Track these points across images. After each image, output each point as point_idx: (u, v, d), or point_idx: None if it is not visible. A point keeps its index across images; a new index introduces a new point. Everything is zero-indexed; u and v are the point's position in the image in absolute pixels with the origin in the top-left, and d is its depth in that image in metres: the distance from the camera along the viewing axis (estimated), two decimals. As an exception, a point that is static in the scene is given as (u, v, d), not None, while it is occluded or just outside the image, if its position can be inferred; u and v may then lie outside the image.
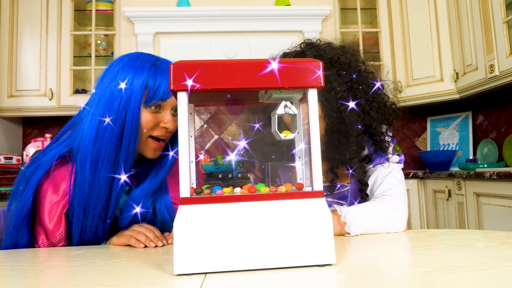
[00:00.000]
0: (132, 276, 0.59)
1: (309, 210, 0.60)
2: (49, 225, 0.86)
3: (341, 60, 0.98)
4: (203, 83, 0.61)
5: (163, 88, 0.84)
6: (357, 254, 0.67)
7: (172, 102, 0.88)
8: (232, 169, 2.36)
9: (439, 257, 0.62)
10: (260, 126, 0.99)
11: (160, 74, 0.86)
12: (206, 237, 0.58)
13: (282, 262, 0.58)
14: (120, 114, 0.82)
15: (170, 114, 0.89)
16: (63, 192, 0.86)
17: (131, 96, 0.83)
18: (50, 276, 0.62)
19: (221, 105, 0.75)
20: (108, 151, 0.83)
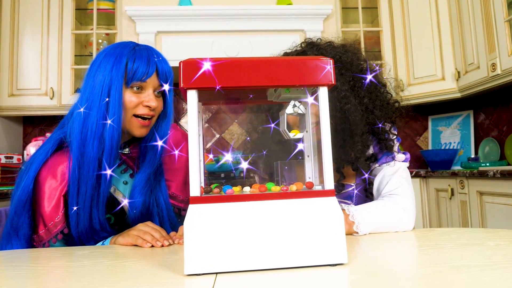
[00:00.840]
0: (142, 276, 0.58)
1: (321, 209, 0.60)
2: (47, 209, 0.89)
3: (342, 58, 0.98)
4: (213, 82, 0.60)
5: (142, 69, 0.91)
6: (368, 254, 0.67)
7: (153, 82, 0.94)
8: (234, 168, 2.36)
9: (450, 256, 0.61)
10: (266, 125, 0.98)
11: (139, 56, 0.92)
12: (217, 237, 0.58)
13: (294, 262, 0.58)
14: (103, 95, 0.89)
15: (152, 94, 0.94)
16: (61, 177, 0.90)
17: (113, 79, 0.89)
18: (58, 276, 0.61)
19: (230, 104, 0.75)
20: (95, 130, 0.88)
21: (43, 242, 0.90)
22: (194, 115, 0.61)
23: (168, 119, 1.01)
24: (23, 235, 0.89)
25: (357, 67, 0.97)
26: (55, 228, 0.89)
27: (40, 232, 0.90)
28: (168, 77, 0.96)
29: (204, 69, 0.60)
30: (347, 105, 0.92)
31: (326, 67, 0.62)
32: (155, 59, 0.94)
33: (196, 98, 0.61)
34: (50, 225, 0.89)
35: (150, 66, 0.92)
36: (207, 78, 0.60)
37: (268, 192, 0.61)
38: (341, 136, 0.94)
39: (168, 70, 0.97)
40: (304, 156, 0.74)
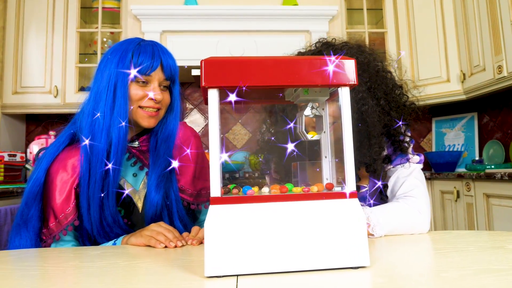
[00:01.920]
0: (160, 278, 0.57)
1: (343, 210, 0.59)
2: (58, 201, 0.90)
3: (359, 59, 0.97)
4: (235, 81, 0.59)
5: (146, 63, 0.93)
6: (388, 256, 0.66)
7: (158, 76, 0.96)
8: (238, 168, 2.35)
9: (473, 260, 0.60)
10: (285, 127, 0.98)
11: (144, 51, 0.94)
12: (238, 238, 0.57)
13: (315, 264, 0.57)
14: (110, 89, 0.92)
15: (157, 87, 0.96)
16: (72, 170, 0.92)
17: (118, 73, 0.92)
18: (73, 277, 0.60)
19: (249, 104, 0.74)
20: (102, 123, 0.91)
21: (54, 234, 0.90)
22: (215, 115, 0.60)
23: (175, 113, 1.02)
24: (32, 227, 0.89)
25: (374, 68, 0.97)
26: (65, 220, 0.89)
27: (50, 225, 0.90)
28: (172, 71, 0.98)
29: (226, 68, 0.59)
30: (364, 106, 0.91)
31: (349, 67, 0.61)
32: (159, 54, 0.95)
33: (218, 98, 0.60)
34: (61, 217, 0.89)
35: (155, 60, 0.94)
36: (229, 76, 0.59)
37: (289, 193, 0.60)
38: (358, 137, 0.93)
39: (172, 65, 0.98)
40: (321, 157, 0.74)
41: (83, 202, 0.90)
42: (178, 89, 1.02)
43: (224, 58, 0.60)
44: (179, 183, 1.02)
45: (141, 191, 1.00)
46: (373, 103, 0.92)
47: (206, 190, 1.07)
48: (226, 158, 0.62)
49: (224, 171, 2.27)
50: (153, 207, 0.95)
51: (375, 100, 0.94)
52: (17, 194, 1.89)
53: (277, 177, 1.11)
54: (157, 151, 0.98)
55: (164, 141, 0.99)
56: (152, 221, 0.95)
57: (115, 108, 0.91)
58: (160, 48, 0.97)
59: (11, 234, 0.91)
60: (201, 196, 1.06)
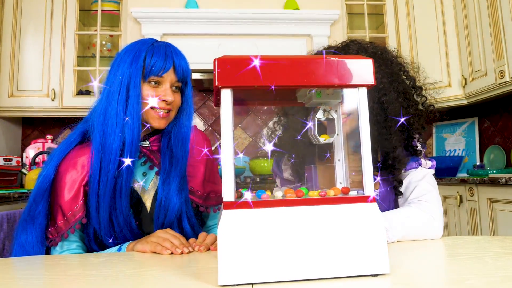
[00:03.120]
0: (172, 287, 0.55)
1: (362, 215, 0.57)
2: (66, 199, 0.89)
3: (384, 56, 0.98)
4: (250, 81, 0.57)
5: (159, 64, 0.93)
6: (407, 262, 0.63)
7: (170, 78, 0.96)
8: (239, 173, 2.32)
9: (495, 266, 0.58)
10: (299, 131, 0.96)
11: (157, 52, 0.94)
12: (253, 245, 0.54)
13: (333, 272, 0.55)
14: (122, 89, 0.92)
15: (169, 89, 0.96)
16: (81, 168, 0.91)
17: (132, 73, 0.92)
18: (80, 285, 0.57)
19: (261, 105, 0.72)
20: (115, 122, 0.91)
21: (62, 233, 0.88)
22: (229, 116, 0.57)
23: (189, 115, 1.01)
24: (39, 224, 0.88)
25: (396, 65, 0.97)
26: (73, 218, 0.89)
27: (58, 223, 0.89)
28: (185, 72, 0.98)
29: (241, 67, 0.57)
30: (385, 96, 0.90)
31: (367, 66, 0.59)
32: (172, 55, 0.95)
33: (231, 98, 0.58)
34: (69, 215, 0.89)
35: (167, 61, 0.94)
36: (243, 76, 0.57)
37: (306, 198, 0.58)
38: (376, 127, 0.91)
39: (185, 66, 0.98)
40: (334, 160, 0.71)
41: (92, 200, 0.89)
42: (191, 91, 1.02)
43: (239, 57, 0.58)
44: (189, 184, 1.01)
45: (150, 191, 0.99)
46: (394, 95, 0.91)
47: (215, 193, 1.05)
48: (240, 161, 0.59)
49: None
50: (174, 211, 0.94)
51: (396, 93, 0.93)
52: (13, 199, 1.84)
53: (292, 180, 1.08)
54: (175, 155, 0.97)
55: (180, 143, 0.98)
56: (165, 225, 0.94)
57: (128, 108, 0.91)
58: (173, 50, 0.97)
59: (17, 230, 0.90)
60: (209, 199, 1.05)
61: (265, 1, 2.49)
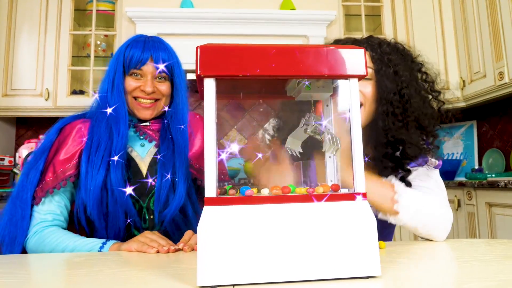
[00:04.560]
0: (149, 287, 0.51)
1: (352, 214, 0.53)
2: (61, 158, 0.94)
3: (405, 51, 0.97)
4: (234, 70, 0.54)
5: (136, 57, 0.98)
6: (400, 264, 0.60)
7: (150, 70, 1.00)
8: (233, 175, 2.29)
9: (496, 270, 0.55)
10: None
11: (135, 45, 1.00)
12: (235, 244, 0.51)
13: (321, 274, 0.51)
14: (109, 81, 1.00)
15: (149, 80, 1.00)
16: (79, 136, 0.98)
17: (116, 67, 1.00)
18: (55, 285, 0.54)
19: (245, 99, 0.69)
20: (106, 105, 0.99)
21: (47, 188, 0.92)
22: (212, 107, 0.54)
23: (180, 102, 1.04)
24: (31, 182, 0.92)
25: (417, 64, 0.95)
26: (63, 175, 0.93)
27: (47, 179, 0.93)
28: (164, 62, 1.00)
29: (224, 55, 0.54)
30: (406, 89, 0.89)
31: (358, 56, 0.56)
32: (150, 48, 0.99)
33: (214, 88, 0.54)
34: (59, 172, 0.93)
35: (144, 54, 0.98)
36: (227, 65, 0.54)
37: (292, 194, 0.54)
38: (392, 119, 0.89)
39: (165, 57, 1.00)
40: (325, 157, 0.68)
41: (82, 168, 0.93)
42: (182, 79, 1.04)
43: (222, 45, 0.55)
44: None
45: (146, 159, 1.04)
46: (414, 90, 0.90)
47: None
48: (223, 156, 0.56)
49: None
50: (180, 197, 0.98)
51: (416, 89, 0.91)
52: (6, 198, 1.81)
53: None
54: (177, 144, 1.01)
55: (180, 132, 1.02)
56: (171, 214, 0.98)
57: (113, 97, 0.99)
58: (153, 42, 1.01)
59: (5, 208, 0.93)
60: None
61: (261, 1, 2.47)
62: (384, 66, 0.91)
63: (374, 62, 0.92)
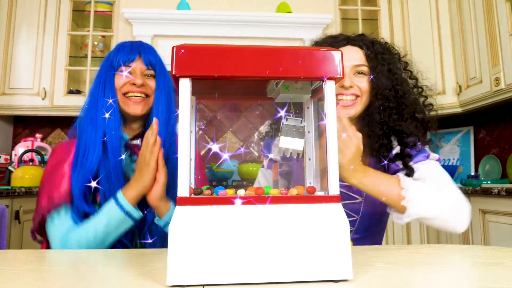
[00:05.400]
0: (117, 286, 0.51)
1: (324, 216, 0.53)
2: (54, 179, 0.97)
3: (394, 50, 1.05)
4: (209, 70, 0.54)
5: (124, 56, 1.01)
6: (377, 269, 0.59)
7: (139, 66, 1.02)
8: (227, 177, 2.29)
9: (474, 276, 0.54)
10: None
11: (122, 48, 1.03)
12: (206, 244, 0.50)
13: (291, 276, 0.51)
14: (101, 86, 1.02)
15: (138, 74, 1.02)
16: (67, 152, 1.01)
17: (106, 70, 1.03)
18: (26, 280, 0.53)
19: (227, 99, 0.69)
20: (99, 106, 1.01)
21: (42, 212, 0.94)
22: (187, 107, 0.54)
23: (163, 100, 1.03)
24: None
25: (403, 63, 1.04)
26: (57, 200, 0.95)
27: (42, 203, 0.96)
28: (152, 62, 1.03)
29: (199, 55, 0.54)
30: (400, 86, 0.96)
31: (335, 59, 0.56)
32: (137, 48, 1.02)
33: (190, 88, 0.54)
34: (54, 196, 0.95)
35: (132, 54, 1.01)
36: (203, 65, 0.54)
37: (265, 196, 0.54)
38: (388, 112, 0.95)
39: (153, 59, 1.03)
40: (305, 159, 0.68)
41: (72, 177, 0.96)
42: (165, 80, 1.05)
43: (198, 45, 0.55)
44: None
45: None
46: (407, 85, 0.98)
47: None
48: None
49: (212, 178, 2.20)
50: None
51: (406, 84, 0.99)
52: (3, 195, 1.82)
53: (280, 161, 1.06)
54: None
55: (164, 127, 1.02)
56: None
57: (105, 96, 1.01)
58: (140, 45, 1.05)
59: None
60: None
61: (257, 4, 2.47)
62: (380, 64, 0.97)
63: (370, 60, 0.98)
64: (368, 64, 0.97)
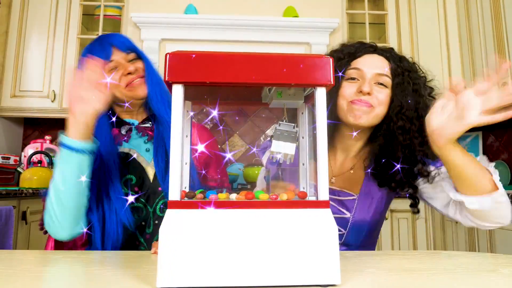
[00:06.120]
0: (108, 286, 0.52)
1: (313, 221, 0.54)
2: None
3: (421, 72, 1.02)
4: (201, 76, 0.55)
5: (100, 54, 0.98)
6: (366, 275, 0.60)
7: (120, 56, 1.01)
8: (232, 180, 2.30)
9: (460, 283, 0.54)
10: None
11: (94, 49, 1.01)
12: (196, 247, 0.51)
13: (279, 280, 0.52)
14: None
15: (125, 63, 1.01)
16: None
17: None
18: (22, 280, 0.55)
19: (221, 104, 0.70)
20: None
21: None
22: (179, 113, 0.55)
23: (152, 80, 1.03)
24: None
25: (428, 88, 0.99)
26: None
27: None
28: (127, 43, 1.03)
29: (191, 62, 0.55)
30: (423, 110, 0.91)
31: (325, 66, 0.57)
32: (106, 40, 1.02)
33: (182, 94, 0.56)
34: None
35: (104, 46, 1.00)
36: (195, 72, 0.55)
37: (255, 200, 0.55)
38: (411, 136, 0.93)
39: (125, 40, 1.04)
40: (299, 164, 0.68)
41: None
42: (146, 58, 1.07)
43: (191, 52, 0.56)
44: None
45: (153, 163, 1.04)
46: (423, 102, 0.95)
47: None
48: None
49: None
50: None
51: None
52: (11, 196, 1.86)
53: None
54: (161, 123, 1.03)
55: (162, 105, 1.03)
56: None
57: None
58: (106, 35, 1.05)
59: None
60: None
61: (264, 8, 2.49)
62: (406, 82, 0.94)
63: (396, 74, 0.95)
64: (393, 79, 0.94)
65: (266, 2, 2.48)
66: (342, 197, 0.99)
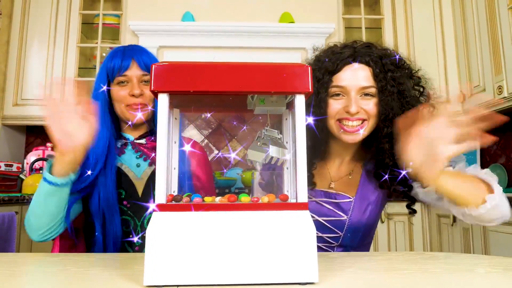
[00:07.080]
0: (97, 286, 0.55)
1: (292, 222, 0.56)
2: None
3: (406, 65, 0.99)
4: (185, 86, 0.58)
5: (117, 65, 1.00)
6: (343, 273, 0.62)
7: (136, 74, 1.02)
8: (230, 185, 2.32)
9: (435, 282, 0.57)
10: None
11: (115, 55, 1.02)
12: (180, 247, 0.54)
13: (260, 278, 0.54)
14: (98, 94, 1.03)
15: (136, 83, 1.01)
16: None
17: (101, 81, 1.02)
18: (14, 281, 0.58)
19: (208, 111, 0.73)
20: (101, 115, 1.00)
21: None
22: (164, 120, 0.58)
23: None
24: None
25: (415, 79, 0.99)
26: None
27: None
28: (148, 65, 1.02)
29: (175, 72, 0.58)
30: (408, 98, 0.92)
31: (304, 74, 0.60)
32: (130, 53, 1.02)
33: (167, 103, 0.59)
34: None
35: (125, 60, 1.00)
36: (179, 81, 0.58)
37: (237, 203, 0.58)
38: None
39: (147, 61, 1.03)
40: (283, 168, 0.71)
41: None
42: None
43: (175, 63, 0.59)
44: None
45: (143, 179, 1.05)
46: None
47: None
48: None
49: (216, 186, 2.24)
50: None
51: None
52: (13, 202, 1.89)
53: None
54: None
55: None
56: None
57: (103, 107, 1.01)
58: (132, 48, 1.04)
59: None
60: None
61: (260, 14, 2.53)
62: (389, 85, 0.92)
63: (378, 80, 0.92)
64: (376, 85, 0.92)
65: (262, 8, 2.52)
66: (339, 199, 1.00)
